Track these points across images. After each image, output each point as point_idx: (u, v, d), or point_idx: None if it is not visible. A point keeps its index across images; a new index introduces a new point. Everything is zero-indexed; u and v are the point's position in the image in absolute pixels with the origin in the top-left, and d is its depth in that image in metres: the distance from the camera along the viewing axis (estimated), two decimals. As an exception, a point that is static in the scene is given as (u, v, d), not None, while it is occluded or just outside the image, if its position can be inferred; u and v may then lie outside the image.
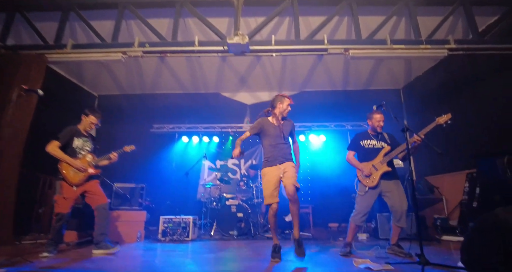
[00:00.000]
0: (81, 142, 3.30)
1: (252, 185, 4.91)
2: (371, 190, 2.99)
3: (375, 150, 3.14)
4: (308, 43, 3.96)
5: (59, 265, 2.45)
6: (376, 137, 3.24)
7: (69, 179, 3.08)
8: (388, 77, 7.09)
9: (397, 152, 3.03)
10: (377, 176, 2.99)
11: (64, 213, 3.02)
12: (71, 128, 3.30)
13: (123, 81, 7.12)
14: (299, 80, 7.09)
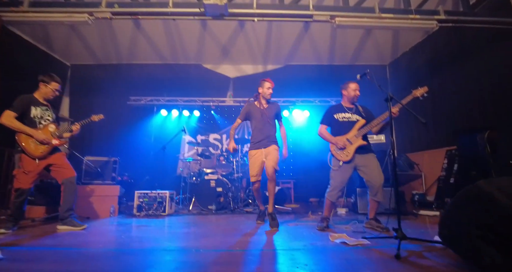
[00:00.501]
0: (40, 111, 2.98)
1: (233, 160, 4.77)
2: (345, 164, 2.88)
3: (349, 124, 2.99)
4: (293, 8, 3.69)
5: (16, 242, 2.27)
6: (351, 109, 3.07)
7: (30, 152, 2.80)
8: (375, 53, 6.93)
9: (372, 125, 2.88)
10: (351, 150, 2.87)
11: (25, 188, 2.77)
12: (25, 96, 2.96)
13: (97, 50, 6.65)
14: (284, 53, 6.83)
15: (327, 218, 2.93)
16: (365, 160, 2.89)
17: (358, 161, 2.89)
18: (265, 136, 3.17)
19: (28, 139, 2.83)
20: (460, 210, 1.63)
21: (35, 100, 3.00)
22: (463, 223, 1.57)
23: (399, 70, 7.03)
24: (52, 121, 3.05)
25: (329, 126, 3.13)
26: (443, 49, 5.45)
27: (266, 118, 3.20)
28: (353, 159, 2.87)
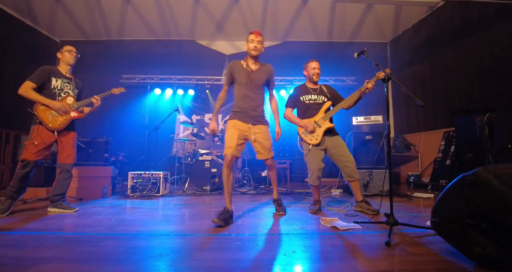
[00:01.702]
0: (61, 83, 2.89)
1: (227, 141, 4.70)
2: (314, 147, 2.82)
3: (316, 105, 2.91)
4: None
5: (3, 226, 2.24)
6: (316, 91, 2.97)
7: (47, 123, 2.72)
8: (375, 30, 6.68)
9: (340, 107, 2.82)
10: (320, 132, 2.82)
11: (31, 160, 2.66)
12: (46, 67, 2.86)
13: (85, 25, 6.37)
14: (281, 29, 6.57)
15: (318, 201, 2.90)
16: (334, 141, 2.85)
17: (327, 143, 2.85)
18: (252, 107, 2.58)
19: (46, 111, 2.74)
20: (454, 197, 1.57)
21: (57, 71, 2.93)
22: (455, 211, 1.51)
23: (399, 48, 6.81)
24: (72, 94, 2.95)
25: (296, 108, 3.04)
26: (446, 26, 5.23)
27: (254, 84, 2.59)
28: (322, 142, 2.83)
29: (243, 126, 2.57)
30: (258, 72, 2.62)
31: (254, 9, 5.77)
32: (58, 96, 2.85)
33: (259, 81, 2.62)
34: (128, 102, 6.59)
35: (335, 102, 2.91)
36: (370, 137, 4.24)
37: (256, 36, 2.59)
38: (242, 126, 2.56)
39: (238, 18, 6.09)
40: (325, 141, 2.83)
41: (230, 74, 2.67)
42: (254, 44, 2.56)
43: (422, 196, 3.75)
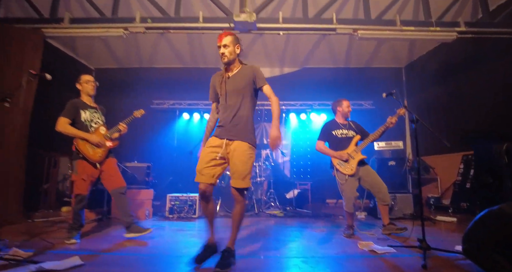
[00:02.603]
0: (89, 114, 2.97)
1: (255, 164, 4.99)
2: (351, 177, 3.11)
3: (347, 139, 3.24)
4: (317, 22, 3.85)
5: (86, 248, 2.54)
6: (345, 126, 3.33)
7: (89, 157, 2.81)
8: (390, 56, 7.01)
9: (369, 141, 3.17)
10: (354, 164, 3.11)
11: (84, 194, 2.81)
12: (72, 101, 2.96)
13: (120, 54, 6.91)
14: (301, 56, 6.96)
15: (352, 226, 3.14)
16: (366, 171, 3.16)
17: (361, 173, 3.15)
18: (228, 118, 2.15)
19: (85, 144, 2.83)
20: (482, 227, 1.82)
21: (83, 103, 2.99)
22: (484, 239, 1.76)
23: (415, 73, 7.09)
24: (102, 124, 3.05)
25: (327, 142, 3.35)
26: (460, 54, 5.51)
27: (230, 91, 2.17)
28: (357, 172, 3.12)
29: (216, 142, 2.13)
30: (235, 76, 2.21)
31: (277, 40, 6.20)
32: (90, 127, 2.92)
33: (237, 85, 2.17)
34: (158, 126, 7.02)
35: (362, 135, 3.23)
36: (393, 163, 4.47)
37: (219, 41, 2.18)
38: (215, 142, 2.14)
39: (261, 48, 6.52)
40: (358, 171, 3.10)
41: (212, 88, 2.36)
42: (220, 51, 2.18)
43: (445, 219, 3.93)
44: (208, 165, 2.07)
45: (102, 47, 6.56)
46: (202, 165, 2.07)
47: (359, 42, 6.48)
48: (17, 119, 3.43)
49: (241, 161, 2.07)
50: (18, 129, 3.44)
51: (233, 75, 2.22)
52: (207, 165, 2.07)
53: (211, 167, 2.07)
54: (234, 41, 2.18)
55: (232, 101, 2.17)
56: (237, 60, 2.26)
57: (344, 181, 3.10)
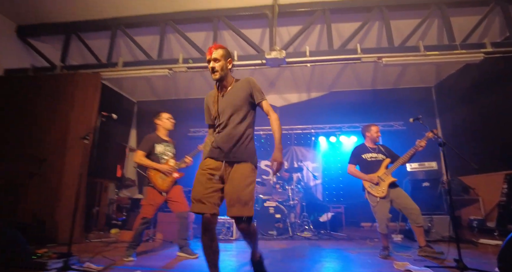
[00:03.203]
0: (163, 148, 3.38)
1: (288, 188, 5.17)
2: (382, 200, 3.20)
3: (377, 162, 3.37)
4: (342, 53, 4.12)
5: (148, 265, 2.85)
6: (374, 149, 3.46)
7: (158, 186, 3.23)
8: (418, 76, 7.05)
9: (400, 163, 3.28)
10: (385, 186, 3.22)
11: (149, 218, 3.19)
12: (149, 136, 3.41)
13: (159, 88, 7.59)
14: (327, 81, 7.21)
15: (387, 247, 3.18)
16: (397, 193, 3.24)
17: (392, 195, 3.23)
18: (225, 138, 1.93)
19: (157, 175, 3.25)
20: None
21: (158, 137, 3.41)
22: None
23: (445, 91, 7.02)
24: (172, 156, 3.42)
25: (358, 165, 3.48)
26: (493, 70, 5.40)
27: (225, 108, 1.97)
28: (388, 194, 3.21)
29: (213, 164, 1.91)
30: (230, 93, 2.01)
31: (304, 68, 6.54)
32: (161, 159, 3.30)
33: (233, 103, 1.97)
34: (197, 153, 7.47)
35: (392, 159, 3.34)
36: (427, 184, 4.44)
37: (209, 54, 1.98)
38: (212, 164, 1.91)
39: (289, 75, 6.87)
40: (389, 193, 3.20)
41: (206, 111, 2.14)
42: (210, 65, 1.97)
43: (489, 242, 3.79)
44: (208, 192, 1.80)
45: (144, 82, 7.28)
46: (201, 192, 1.80)
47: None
48: (82, 152, 3.94)
49: (241, 183, 1.82)
50: (82, 160, 3.95)
51: (227, 94, 2.01)
52: (206, 192, 1.80)
53: (210, 194, 1.81)
54: (225, 55, 1.99)
55: (228, 120, 1.95)
56: (229, 76, 2.05)
57: (375, 203, 3.20)
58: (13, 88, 4.42)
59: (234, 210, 1.81)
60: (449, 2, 4.34)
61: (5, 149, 4.11)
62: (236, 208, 1.80)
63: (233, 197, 1.81)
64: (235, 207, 1.80)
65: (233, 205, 1.81)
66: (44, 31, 4.90)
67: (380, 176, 3.26)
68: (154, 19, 4.52)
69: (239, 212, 1.80)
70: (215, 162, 1.92)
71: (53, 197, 3.87)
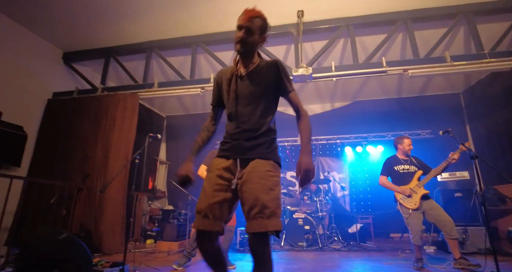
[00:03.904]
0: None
1: (316, 199, 5.24)
2: (414, 211, 3.22)
3: (409, 174, 3.40)
4: (367, 67, 4.21)
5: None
6: (407, 161, 3.50)
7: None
8: (446, 82, 6.93)
9: (432, 176, 3.30)
10: (417, 198, 3.25)
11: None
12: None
13: (188, 103, 7.94)
14: (351, 91, 7.23)
15: (421, 258, 3.19)
16: (430, 204, 3.26)
17: (424, 207, 3.25)
18: (240, 129, 1.54)
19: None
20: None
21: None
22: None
23: (475, 98, 6.82)
24: None
25: (390, 177, 3.53)
26: None
27: (244, 93, 1.57)
28: (420, 206, 3.23)
29: (224, 164, 1.51)
30: (252, 75, 1.59)
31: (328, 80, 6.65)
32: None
33: (254, 88, 1.57)
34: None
35: (424, 171, 3.36)
36: (460, 194, 4.37)
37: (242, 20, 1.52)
38: (221, 164, 1.52)
39: (312, 87, 6.98)
40: (422, 205, 3.22)
41: (215, 88, 1.73)
42: (238, 34, 1.54)
43: (530, 255, 3.67)
44: (214, 200, 1.41)
45: (173, 98, 7.66)
46: (205, 203, 1.41)
47: (410, 73, 6.68)
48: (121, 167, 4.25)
49: (263, 186, 1.37)
50: (123, 174, 4.26)
51: (248, 73, 1.59)
52: (213, 201, 1.41)
53: (218, 204, 1.41)
54: (262, 28, 1.56)
55: (246, 109, 1.55)
56: (256, 53, 1.64)
57: (408, 215, 3.23)
58: (60, 109, 4.86)
59: (255, 224, 1.31)
60: (477, 10, 4.32)
61: (54, 166, 4.51)
62: (258, 221, 1.31)
63: (253, 205, 1.34)
64: (257, 220, 1.32)
65: (253, 217, 1.33)
66: (86, 56, 5.36)
67: (412, 188, 3.30)
68: (185, 41, 4.83)
69: (261, 226, 1.30)
70: (226, 161, 1.51)
71: (97, 209, 4.19)
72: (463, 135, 6.69)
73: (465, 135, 6.73)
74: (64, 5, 4.24)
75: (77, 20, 4.58)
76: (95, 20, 4.57)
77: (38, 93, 4.94)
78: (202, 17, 4.42)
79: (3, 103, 4.21)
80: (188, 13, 4.34)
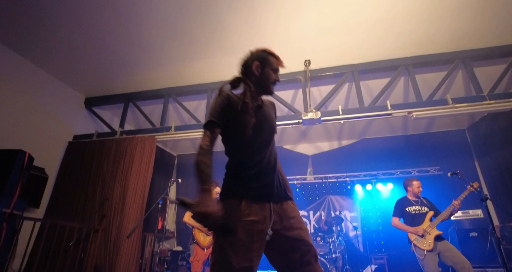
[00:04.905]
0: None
1: (329, 240, 5.18)
2: (429, 253, 3.23)
3: (421, 215, 3.47)
4: (372, 110, 4.44)
5: None
6: (417, 202, 3.58)
7: (200, 243, 3.82)
8: (450, 119, 7.07)
9: (443, 217, 3.35)
10: (431, 239, 3.28)
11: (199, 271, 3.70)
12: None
13: (197, 141, 8.17)
14: (358, 129, 7.42)
15: (442, 304, 3.12)
16: (445, 246, 3.26)
17: (440, 247, 3.26)
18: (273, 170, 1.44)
19: (199, 233, 3.84)
20: None
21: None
22: None
23: (480, 133, 6.90)
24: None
25: (402, 218, 3.59)
26: None
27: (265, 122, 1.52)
28: (435, 247, 3.25)
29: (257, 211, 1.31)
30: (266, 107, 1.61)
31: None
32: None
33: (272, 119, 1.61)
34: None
35: (435, 212, 3.43)
36: (475, 234, 4.33)
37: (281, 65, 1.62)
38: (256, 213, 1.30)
39: (320, 127, 7.22)
40: (437, 246, 3.24)
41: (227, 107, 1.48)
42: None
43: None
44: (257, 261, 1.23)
45: (185, 141, 7.93)
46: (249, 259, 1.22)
47: (414, 112, 6.92)
48: (139, 208, 4.37)
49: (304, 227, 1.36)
50: (139, 216, 4.35)
51: (263, 105, 1.58)
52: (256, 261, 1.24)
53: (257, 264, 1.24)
54: None
55: (267, 142, 1.48)
56: None
57: (423, 257, 3.23)
58: (80, 151, 5.10)
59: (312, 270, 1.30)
60: (473, 56, 4.63)
61: (71, 208, 4.62)
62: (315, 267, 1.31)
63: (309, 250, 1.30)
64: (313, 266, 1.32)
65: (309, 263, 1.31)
66: (107, 101, 5.73)
67: (425, 229, 3.33)
68: (201, 88, 5.19)
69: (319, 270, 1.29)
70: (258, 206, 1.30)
71: (113, 250, 4.21)
72: (473, 170, 6.70)
73: (475, 171, 6.73)
74: (88, 54, 4.66)
75: (100, 69, 5.00)
76: (116, 68, 4.98)
77: (60, 135, 5.22)
78: (217, 66, 4.81)
79: (27, 145, 4.44)
80: (205, 63, 4.75)
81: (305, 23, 4.06)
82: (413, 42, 4.50)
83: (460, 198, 3.31)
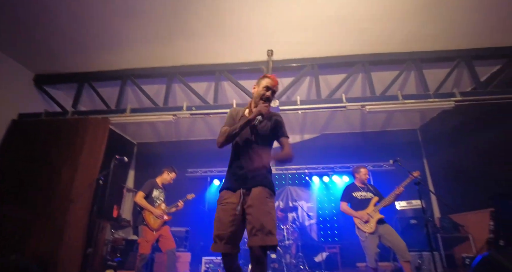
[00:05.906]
0: (158, 193, 4.06)
1: (283, 227, 5.30)
2: (371, 235, 3.46)
3: (366, 201, 3.72)
4: (329, 102, 4.60)
5: None
6: (364, 189, 3.84)
7: (150, 225, 3.78)
8: (404, 119, 7.54)
9: (386, 202, 3.62)
10: (373, 223, 3.52)
11: (146, 253, 3.62)
12: (150, 180, 4.11)
13: (161, 130, 7.96)
14: (319, 124, 7.66)
15: (377, 284, 3.33)
16: (386, 229, 3.52)
17: (380, 231, 3.50)
18: (248, 166, 1.91)
19: (150, 215, 3.83)
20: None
21: (156, 184, 4.12)
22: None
23: (430, 134, 7.42)
24: (163, 201, 4.05)
25: (349, 203, 3.81)
26: (474, 114, 5.65)
27: (256, 137, 2.04)
28: (376, 230, 3.48)
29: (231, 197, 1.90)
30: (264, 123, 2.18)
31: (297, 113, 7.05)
32: (155, 202, 3.96)
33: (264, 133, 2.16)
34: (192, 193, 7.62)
35: (379, 197, 3.64)
36: (415, 221, 4.66)
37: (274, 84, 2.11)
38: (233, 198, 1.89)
39: (284, 120, 7.34)
40: (378, 229, 3.44)
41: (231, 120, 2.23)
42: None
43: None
44: (231, 229, 1.76)
45: (147, 125, 7.68)
46: (223, 228, 1.76)
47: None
48: (86, 191, 4.17)
49: (264, 211, 1.76)
50: (87, 200, 4.16)
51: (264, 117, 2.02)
52: (230, 229, 1.76)
53: (233, 231, 1.77)
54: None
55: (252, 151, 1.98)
56: None
57: (364, 238, 3.43)
58: (26, 131, 4.74)
59: (256, 239, 1.68)
60: (423, 58, 4.96)
61: (18, 190, 4.30)
62: (259, 237, 1.68)
63: (255, 226, 1.71)
64: (258, 236, 1.69)
65: (255, 234, 1.70)
66: (60, 80, 5.38)
67: (369, 213, 3.53)
68: (162, 71, 5.05)
69: (262, 241, 1.67)
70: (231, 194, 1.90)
71: (57, 236, 3.99)
72: (421, 168, 7.18)
73: (423, 169, 7.23)
74: (38, 29, 4.35)
75: (53, 45, 4.69)
76: (71, 46, 4.70)
77: (1, 112, 4.81)
78: (179, 50, 4.70)
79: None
80: (165, 46, 4.62)
81: (268, 15, 4.12)
82: (371, 41, 4.71)
83: (402, 184, 3.56)
